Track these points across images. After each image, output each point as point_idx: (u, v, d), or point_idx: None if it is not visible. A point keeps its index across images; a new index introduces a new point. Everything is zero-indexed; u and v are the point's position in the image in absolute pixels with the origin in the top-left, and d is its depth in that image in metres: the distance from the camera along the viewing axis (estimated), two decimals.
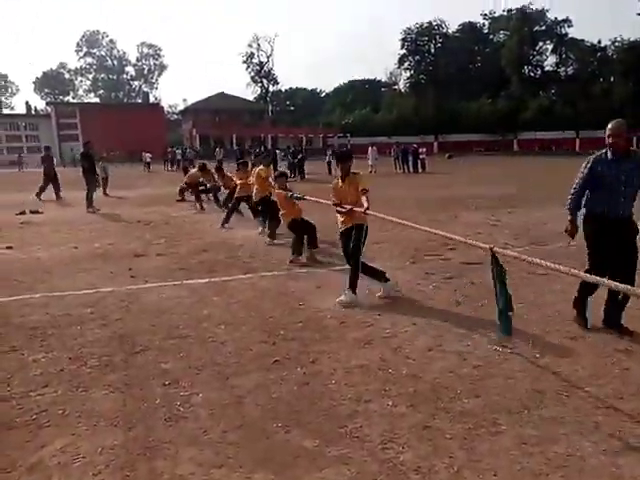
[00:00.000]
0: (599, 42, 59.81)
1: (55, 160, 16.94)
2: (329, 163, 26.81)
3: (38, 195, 16.31)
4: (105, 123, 54.56)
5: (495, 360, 3.70)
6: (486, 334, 4.18)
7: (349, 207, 5.07)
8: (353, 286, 5.05)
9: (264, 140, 57.18)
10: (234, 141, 54.34)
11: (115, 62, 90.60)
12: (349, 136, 56.61)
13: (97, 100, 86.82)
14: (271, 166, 11.07)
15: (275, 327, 4.44)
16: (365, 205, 4.88)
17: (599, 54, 59.41)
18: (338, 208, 5.23)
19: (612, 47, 59.28)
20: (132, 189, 20.25)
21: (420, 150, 29.40)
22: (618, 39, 58.49)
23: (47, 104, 72.79)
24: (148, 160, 37.52)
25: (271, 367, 3.65)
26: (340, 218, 5.32)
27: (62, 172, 34.75)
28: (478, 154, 56.09)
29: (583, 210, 4.30)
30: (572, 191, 4.27)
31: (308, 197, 7.07)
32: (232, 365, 3.70)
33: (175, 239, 8.99)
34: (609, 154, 4.04)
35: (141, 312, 4.97)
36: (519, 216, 10.85)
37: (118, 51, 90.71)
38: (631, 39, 57.16)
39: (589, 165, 4.15)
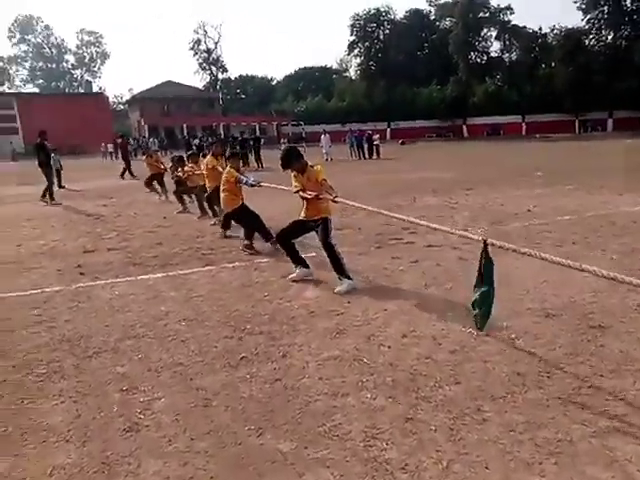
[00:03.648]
0: (540, 29, 61.58)
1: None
2: None
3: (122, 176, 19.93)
4: (46, 114, 51.46)
5: (471, 344, 3.59)
6: (458, 317, 4.07)
7: (314, 193, 4.86)
8: (345, 273, 4.93)
9: (216, 129, 55.90)
10: (185, 130, 52.77)
11: (53, 50, 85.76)
12: (303, 124, 56.11)
13: (36, 90, 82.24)
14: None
15: (240, 321, 4.18)
16: (335, 194, 4.78)
17: (540, 40, 61.11)
18: (302, 194, 4.99)
19: (551, 34, 61.27)
20: (83, 181, 19.16)
21: (374, 136, 29.46)
22: (557, 26, 60.54)
23: None
24: (111, 150, 40.67)
25: (239, 364, 3.40)
26: (304, 209, 5.12)
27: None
28: (429, 140, 56.94)
29: None
30: None
31: (266, 184, 6.74)
32: (196, 365, 3.43)
33: (128, 232, 8.51)
34: None
35: (93, 312, 4.59)
36: (476, 198, 10.93)
37: (56, 38, 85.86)
38: (568, 26, 59.32)
39: None
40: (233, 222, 7.36)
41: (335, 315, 4.24)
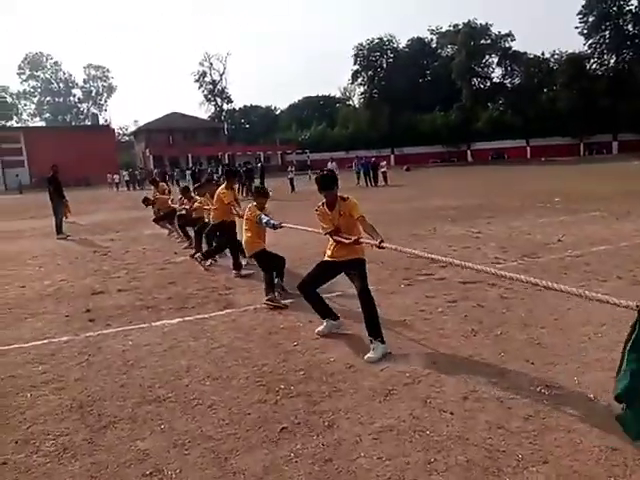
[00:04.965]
0: (542, 54, 62.38)
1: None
2: (291, 180, 26.24)
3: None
4: (52, 147, 51.76)
5: (545, 407, 3.10)
6: (522, 372, 3.59)
7: (354, 237, 4.17)
8: (380, 334, 4.05)
9: (221, 158, 56.09)
10: (190, 161, 52.94)
11: (61, 85, 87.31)
12: (308, 152, 56.28)
13: (43, 124, 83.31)
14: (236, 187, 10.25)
15: (273, 379, 3.70)
16: (380, 238, 4.03)
17: (542, 65, 61.81)
18: (337, 238, 4.31)
19: (552, 59, 62.02)
20: (88, 214, 18.84)
21: (381, 163, 29.28)
22: (557, 51, 61.41)
23: None
24: (117, 181, 43.07)
25: (279, 438, 2.91)
26: (331, 247, 4.44)
27: (6, 200, 32.52)
28: (434, 165, 56.92)
29: None
30: None
31: (288, 224, 6.06)
32: (229, 439, 2.94)
33: (138, 270, 8.08)
34: None
35: (105, 367, 4.11)
36: (498, 227, 10.49)
37: (64, 73, 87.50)
38: (569, 51, 60.03)
39: None
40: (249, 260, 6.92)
41: (379, 370, 3.76)
